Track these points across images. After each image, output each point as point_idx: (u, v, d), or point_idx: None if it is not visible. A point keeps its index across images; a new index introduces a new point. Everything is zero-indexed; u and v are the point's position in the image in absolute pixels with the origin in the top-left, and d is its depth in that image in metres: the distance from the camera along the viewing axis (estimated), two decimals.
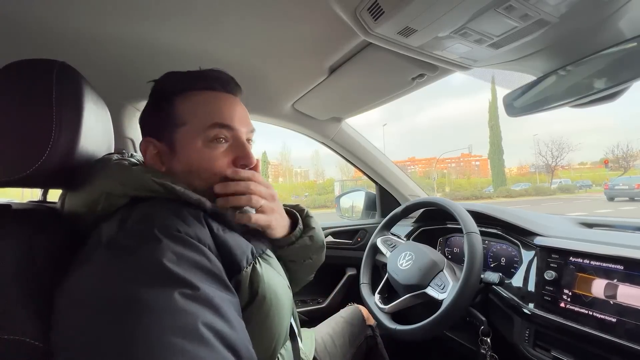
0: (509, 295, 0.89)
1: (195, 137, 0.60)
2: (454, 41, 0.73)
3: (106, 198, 0.54)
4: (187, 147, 0.60)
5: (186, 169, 0.60)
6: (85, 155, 0.56)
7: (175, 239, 0.46)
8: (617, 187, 16.79)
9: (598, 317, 0.72)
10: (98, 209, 0.54)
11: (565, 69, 0.77)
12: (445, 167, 64.58)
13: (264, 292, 0.55)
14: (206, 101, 0.62)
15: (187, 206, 0.54)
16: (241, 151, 0.63)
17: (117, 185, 0.54)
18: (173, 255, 0.44)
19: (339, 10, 0.68)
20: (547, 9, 0.61)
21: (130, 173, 0.55)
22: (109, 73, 0.97)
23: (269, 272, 0.59)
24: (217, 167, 0.61)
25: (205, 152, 0.60)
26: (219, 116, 0.61)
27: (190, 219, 0.51)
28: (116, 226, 0.48)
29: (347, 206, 1.93)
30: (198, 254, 0.47)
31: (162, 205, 0.52)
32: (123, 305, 0.39)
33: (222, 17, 0.74)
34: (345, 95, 1.18)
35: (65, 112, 0.52)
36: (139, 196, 0.55)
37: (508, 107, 0.91)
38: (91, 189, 0.55)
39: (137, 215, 0.49)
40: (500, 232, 1.07)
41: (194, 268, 0.45)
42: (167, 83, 0.64)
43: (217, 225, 0.55)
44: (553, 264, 0.85)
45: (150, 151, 0.62)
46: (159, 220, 0.48)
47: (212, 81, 0.64)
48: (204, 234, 0.51)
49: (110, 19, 0.74)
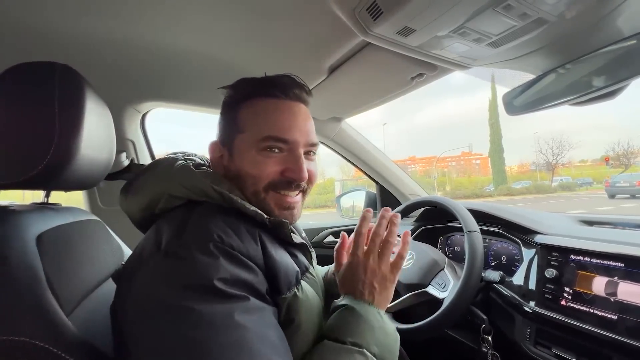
0: (509, 294, 0.90)
1: (250, 145, 0.61)
2: (452, 40, 0.73)
3: (167, 199, 0.57)
4: (242, 153, 0.62)
5: (237, 173, 0.62)
6: (87, 157, 0.56)
7: (229, 256, 0.48)
8: (618, 185, 16.74)
9: (599, 314, 0.72)
10: (158, 207, 0.58)
11: (564, 67, 0.77)
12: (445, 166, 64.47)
13: (300, 321, 0.55)
14: (266, 110, 0.62)
15: (243, 218, 0.56)
16: (293, 164, 0.61)
17: (178, 187, 0.57)
18: (227, 274, 0.46)
19: (338, 10, 0.69)
20: (546, 7, 0.61)
21: (192, 177, 0.58)
22: (110, 75, 0.98)
23: (309, 295, 0.60)
24: (264, 174, 0.61)
25: (256, 159, 0.61)
26: (274, 128, 0.60)
27: (246, 235, 0.53)
28: (174, 232, 0.50)
29: (347, 206, 1.93)
30: (248, 272, 0.49)
31: (219, 216, 0.53)
32: (178, 312, 0.42)
33: (222, 18, 0.74)
34: (345, 95, 1.18)
35: (67, 114, 0.52)
36: (196, 199, 0.57)
37: (508, 106, 0.91)
38: (155, 188, 0.59)
39: (194, 226, 0.51)
40: (501, 231, 1.07)
41: (244, 286, 0.47)
42: (235, 90, 0.66)
43: (270, 244, 0.56)
44: (554, 262, 0.85)
45: (215, 153, 0.66)
46: (215, 234, 0.49)
47: (272, 88, 0.62)
48: (256, 253, 0.52)
49: (112, 21, 0.74)
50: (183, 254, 0.46)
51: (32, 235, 0.51)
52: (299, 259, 0.64)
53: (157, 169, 0.62)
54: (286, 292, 0.54)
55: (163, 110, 1.29)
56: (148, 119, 1.32)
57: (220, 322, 0.42)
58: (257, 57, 0.92)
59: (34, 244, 0.51)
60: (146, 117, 1.31)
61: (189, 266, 0.45)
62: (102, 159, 0.64)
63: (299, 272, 0.59)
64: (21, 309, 0.45)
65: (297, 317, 0.55)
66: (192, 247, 0.47)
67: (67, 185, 0.60)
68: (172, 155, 0.66)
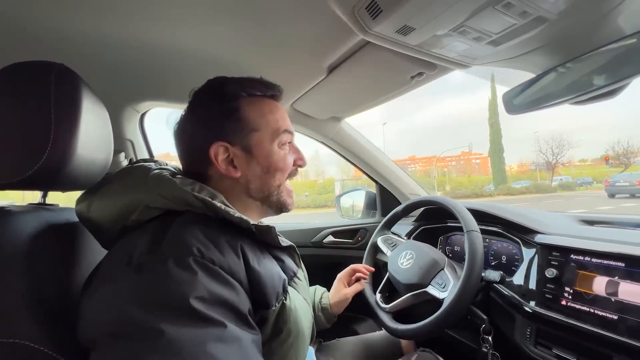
0: (510, 294, 0.89)
1: (270, 141, 0.65)
2: (452, 39, 0.72)
3: (143, 210, 0.54)
4: (264, 150, 0.64)
5: (265, 170, 0.65)
6: (84, 157, 0.56)
7: (209, 272, 0.45)
8: (618, 184, 16.73)
9: (599, 314, 0.72)
10: (130, 219, 0.54)
11: (564, 66, 0.77)
12: (445, 166, 64.47)
13: (290, 329, 0.55)
14: (271, 109, 0.67)
15: (226, 228, 0.54)
16: (298, 153, 0.72)
17: (157, 197, 0.54)
18: (205, 291, 0.43)
19: (337, 8, 0.68)
20: (546, 5, 0.61)
21: (171, 186, 0.54)
22: (107, 75, 0.97)
23: (297, 303, 0.59)
24: (288, 166, 0.68)
25: (280, 154, 0.66)
26: (285, 124, 0.68)
27: (227, 248, 0.50)
28: (148, 245, 0.47)
29: (347, 205, 1.93)
30: (228, 290, 0.46)
31: (199, 228, 0.51)
32: (146, 335, 0.38)
33: (220, 17, 0.74)
34: (344, 94, 1.18)
35: (63, 114, 0.52)
36: (177, 210, 0.54)
37: (507, 105, 0.91)
38: (127, 197, 0.55)
39: (172, 237, 0.48)
40: (501, 230, 1.07)
41: (222, 306, 0.44)
42: (233, 89, 0.65)
43: (253, 255, 0.54)
44: (554, 261, 0.84)
45: (221, 155, 0.62)
46: (194, 248, 0.46)
47: (270, 90, 0.68)
48: (239, 268, 0.50)
49: (109, 20, 0.74)
50: (157, 269, 0.43)
51: (27, 237, 0.51)
52: (286, 264, 0.63)
53: (129, 178, 0.58)
54: (275, 303, 0.53)
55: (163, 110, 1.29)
56: (147, 118, 1.32)
57: (188, 352, 0.38)
58: (256, 56, 0.92)
59: (29, 245, 0.50)
60: (145, 117, 1.31)
61: (163, 282, 0.42)
62: (100, 159, 0.63)
63: (285, 280, 0.58)
64: (16, 311, 0.44)
65: (285, 327, 0.55)
66: (169, 261, 0.44)
67: (64, 186, 0.59)
68: (143, 164, 0.62)
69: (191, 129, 0.64)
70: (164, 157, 0.82)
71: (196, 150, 0.63)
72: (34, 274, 0.48)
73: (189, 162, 0.66)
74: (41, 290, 0.48)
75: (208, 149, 0.61)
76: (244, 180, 0.64)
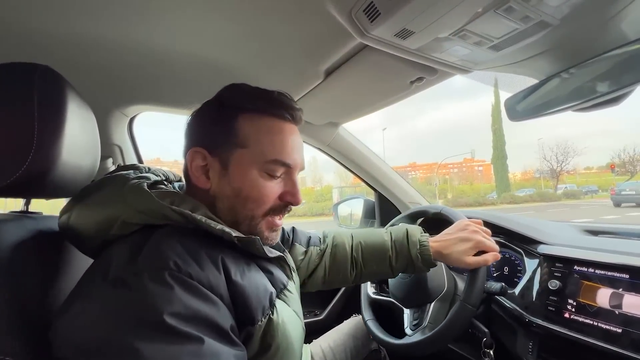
0: (512, 306, 0.89)
1: (252, 164, 0.60)
2: (453, 43, 0.73)
3: (121, 224, 0.53)
4: (241, 171, 0.60)
5: (234, 193, 0.60)
6: (69, 163, 0.55)
7: (187, 286, 0.45)
8: (623, 193, 16.84)
9: (603, 327, 0.72)
10: (110, 233, 0.53)
11: (568, 71, 0.77)
12: (447, 173, 64.67)
13: (278, 343, 0.54)
14: (272, 130, 0.61)
15: (207, 241, 0.53)
16: (291, 188, 0.64)
17: (134, 212, 0.53)
18: (181, 307, 0.42)
19: (334, 11, 0.68)
20: (548, 10, 0.61)
21: (148, 200, 0.53)
22: (94, 77, 0.97)
23: (286, 316, 0.58)
24: (265, 199, 0.61)
25: (259, 182, 0.60)
26: (282, 152, 0.61)
27: (207, 263, 0.49)
28: (126, 259, 0.47)
29: (345, 214, 1.92)
30: (207, 305, 0.46)
31: (178, 240, 0.50)
32: (120, 354, 0.38)
33: (214, 18, 0.74)
34: (342, 99, 1.18)
35: (47, 118, 0.51)
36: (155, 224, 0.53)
37: (510, 111, 0.91)
38: (105, 211, 0.53)
39: (150, 251, 0.47)
40: (503, 241, 1.07)
41: (201, 322, 0.44)
42: (234, 96, 0.63)
43: (236, 268, 0.53)
44: (557, 273, 0.84)
45: (197, 162, 0.61)
46: (171, 261, 0.46)
47: (282, 109, 0.62)
48: (219, 282, 0.49)
49: (96, 21, 0.73)
50: (132, 284, 0.43)
51: (8, 246, 0.50)
52: (275, 275, 0.62)
53: (106, 191, 0.57)
54: (260, 318, 0.53)
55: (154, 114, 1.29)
56: (136, 122, 1.31)
57: None
58: (251, 59, 0.92)
59: (11, 255, 0.50)
60: (134, 121, 1.30)
61: (138, 298, 0.42)
62: (86, 165, 0.62)
63: (273, 293, 0.57)
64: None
65: (273, 342, 0.54)
66: (145, 276, 0.43)
67: (48, 193, 0.59)
68: (122, 172, 0.60)
69: (188, 127, 0.65)
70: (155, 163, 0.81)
71: (184, 154, 0.63)
72: (15, 286, 0.48)
73: (183, 166, 0.65)
74: (23, 302, 0.48)
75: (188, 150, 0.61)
76: (212, 195, 0.61)
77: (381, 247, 0.89)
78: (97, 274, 0.47)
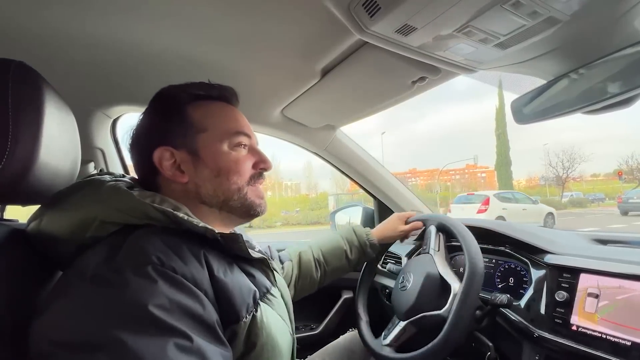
0: (517, 318, 0.89)
1: (219, 141, 0.66)
2: (457, 41, 0.72)
3: (98, 225, 0.53)
4: (212, 151, 0.65)
5: (214, 173, 0.65)
6: (47, 167, 0.54)
7: (170, 280, 0.46)
8: (631, 201, 16.96)
9: (612, 340, 0.72)
10: (86, 236, 0.53)
11: (577, 72, 0.77)
12: (449, 179, 64.97)
13: (263, 343, 0.56)
14: (222, 110, 0.70)
15: (188, 238, 0.54)
16: (260, 156, 0.71)
17: (113, 211, 0.53)
18: (165, 300, 0.43)
19: (331, 6, 0.68)
20: (558, 5, 0.61)
21: (128, 198, 0.54)
22: (74, 75, 0.96)
23: (271, 318, 0.60)
24: (244, 166, 0.68)
25: (232, 155, 0.67)
26: (238, 125, 0.69)
27: (189, 257, 0.51)
28: (104, 257, 0.48)
29: (343, 222, 1.91)
30: (192, 299, 0.47)
31: (159, 237, 0.51)
32: (107, 348, 0.39)
33: (203, 15, 0.73)
34: (339, 100, 1.17)
35: (23, 118, 0.51)
36: (135, 224, 0.54)
37: (516, 114, 0.91)
38: (80, 213, 0.54)
39: (130, 247, 0.48)
40: (509, 250, 1.07)
41: (186, 316, 0.45)
42: (172, 94, 0.68)
43: (218, 265, 0.55)
44: (564, 283, 0.84)
45: (166, 161, 0.64)
46: (154, 256, 0.47)
47: (224, 92, 0.71)
48: (202, 276, 0.51)
49: (77, 16, 0.72)
50: (114, 280, 0.44)
51: None
52: (257, 279, 0.63)
53: (80, 194, 0.57)
54: (245, 315, 0.54)
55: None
56: (121, 125, 1.29)
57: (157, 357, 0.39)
58: (242, 57, 0.91)
59: None
60: (117, 123, 1.29)
61: (121, 292, 0.43)
62: (65, 169, 0.61)
63: (256, 292, 0.59)
64: None
65: (258, 342, 0.55)
66: (126, 271, 0.44)
67: (24, 199, 0.58)
68: (97, 177, 0.62)
69: (137, 138, 0.68)
70: None
71: (143, 159, 0.65)
72: None
73: (140, 172, 0.68)
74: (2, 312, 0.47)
75: (152, 155, 0.63)
76: (193, 185, 0.65)
77: (338, 246, 1.09)
78: (74, 275, 0.47)
